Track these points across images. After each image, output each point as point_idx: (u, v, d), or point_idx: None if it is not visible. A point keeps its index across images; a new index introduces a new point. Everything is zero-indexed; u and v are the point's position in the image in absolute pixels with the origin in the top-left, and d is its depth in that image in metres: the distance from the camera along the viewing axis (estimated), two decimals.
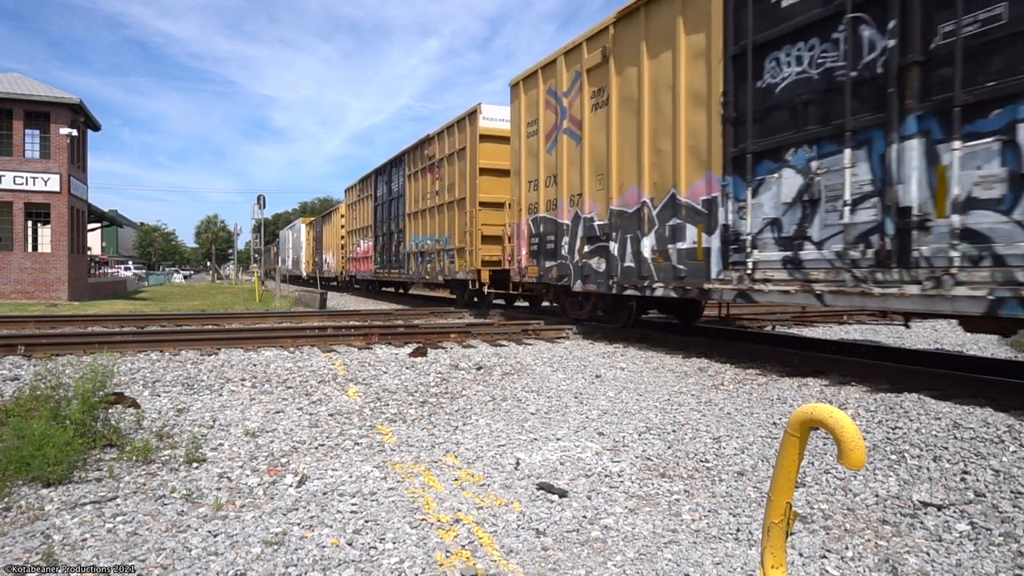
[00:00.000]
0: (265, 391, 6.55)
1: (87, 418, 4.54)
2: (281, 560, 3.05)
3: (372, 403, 6.19)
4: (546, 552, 3.19)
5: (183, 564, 3.01)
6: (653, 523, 3.54)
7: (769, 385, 6.50)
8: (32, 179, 24.24)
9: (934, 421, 4.84)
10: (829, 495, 3.85)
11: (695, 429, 5.25)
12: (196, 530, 3.39)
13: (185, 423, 5.36)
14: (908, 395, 5.61)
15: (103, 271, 43.93)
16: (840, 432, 1.84)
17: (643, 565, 3.05)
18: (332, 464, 4.48)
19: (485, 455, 4.71)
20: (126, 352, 8.27)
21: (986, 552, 3.12)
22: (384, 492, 3.95)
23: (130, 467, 4.32)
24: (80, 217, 27.51)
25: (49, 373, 5.31)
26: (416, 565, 3.02)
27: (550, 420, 5.68)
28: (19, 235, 24.43)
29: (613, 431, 5.29)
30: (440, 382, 7.08)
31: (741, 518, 3.60)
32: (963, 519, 3.44)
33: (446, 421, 5.64)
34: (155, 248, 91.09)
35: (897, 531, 3.39)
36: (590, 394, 6.56)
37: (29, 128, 24.63)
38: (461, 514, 3.62)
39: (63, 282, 24.49)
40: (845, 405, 5.53)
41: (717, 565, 3.05)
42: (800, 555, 3.15)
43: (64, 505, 3.68)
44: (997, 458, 4.10)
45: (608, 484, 4.13)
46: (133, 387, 6.48)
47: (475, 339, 10.10)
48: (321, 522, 3.49)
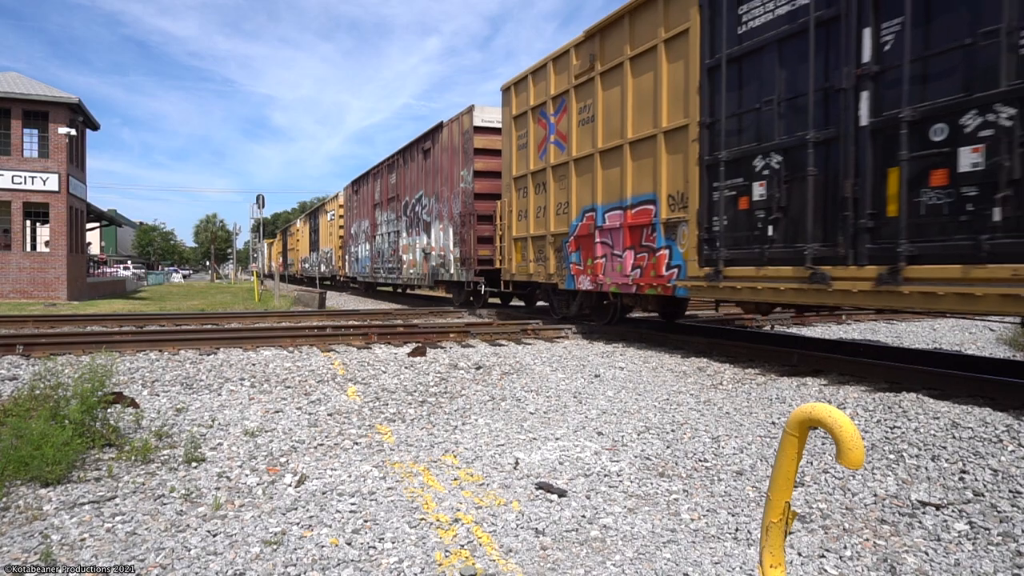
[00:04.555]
0: (264, 391, 6.55)
1: (86, 418, 4.53)
2: (280, 560, 3.05)
3: (371, 403, 6.19)
4: (545, 551, 3.19)
5: (182, 564, 3.01)
6: (652, 522, 3.54)
7: (768, 384, 6.51)
8: (31, 178, 24.22)
9: (932, 420, 4.84)
10: (828, 494, 3.86)
11: (694, 428, 5.25)
12: (195, 530, 3.39)
13: (184, 423, 5.36)
14: (906, 394, 5.62)
15: (102, 270, 43.92)
16: (839, 431, 1.84)
17: (642, 564, 3.05)
18: (331, 464, 4.48)
19: (484, 455, 4.71)
20: (125, 352, 8.27)
21: (984, 551, 3.12)
22: (383, 492, 3.95)
23: (129, 467, 4.31)
24: (79, 216, 27.49)
25: (48, 372, 5.30)
26: (415, 565, 3.02)
27: (549, 420, 5.68)
28: (18, 234, 24.40)
29: (612, 431, 5.29)
30: (439, 382, 7.08)
31: (740, 517, 3.60)
32: (961, 518, 3.45)
33: (445, 421, 5.64)
34: (154, 247, 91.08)
35: (895, 530, 3.40)
36: (589, 394, 6.56)
37: (28, 127, 24.61)
38: (460, 513, 3.62)
39: (62, 281, 24.47)
40: (844, 404, 5.54)
41: (716, 564, 3.05)
42: (799, 554, 3.15)
43: (63, 505, 3.68)
44: (995, 457, 4.10)
45: (607, 484, 4.13)
46: (132, 387, 6.47)
47: (474, 339, 10.10)
48: (320, 522, 3.49)
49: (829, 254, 6.41)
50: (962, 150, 5.34)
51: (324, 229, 33.26)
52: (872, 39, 6.03)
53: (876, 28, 6.00)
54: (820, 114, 6.49)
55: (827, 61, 6.42)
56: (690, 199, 8.17)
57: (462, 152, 15.02)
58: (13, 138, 24.10)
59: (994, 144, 5.10)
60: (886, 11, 5.89)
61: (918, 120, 5.61)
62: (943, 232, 5.49)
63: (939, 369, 6.21)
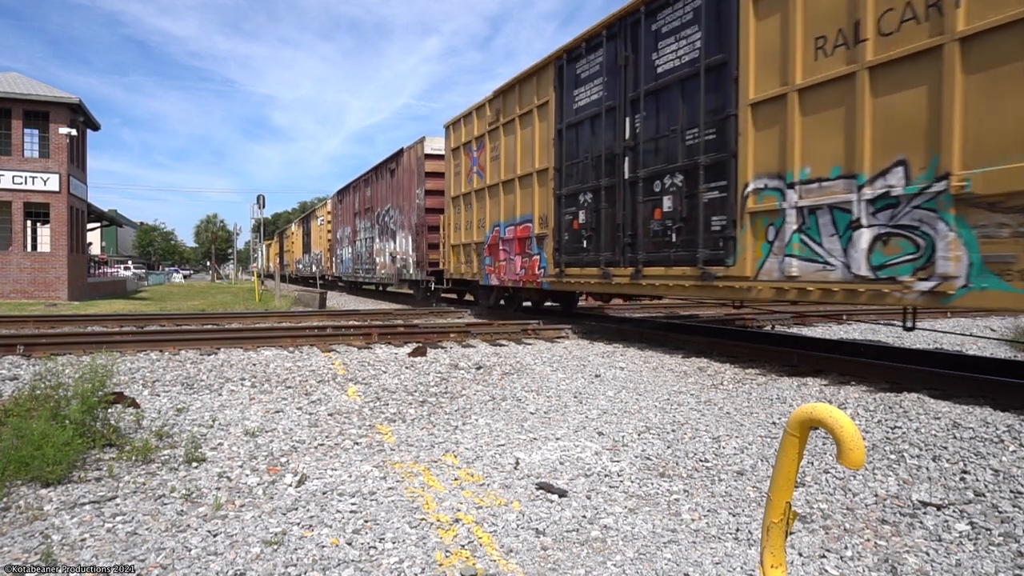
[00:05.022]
0: (265, 391, 6.55)
1: (86, 418, 4.53)
2: (281, 560, 3.05)
3: (372, 403, 6.19)
4: (546, 552, 3.19)
5: (183, 564, 3.01)
6: (653, 523, 3.54)
7: (769, 384, 6.50)
8: (31, 179, 24.23)
9: (933, 421, 4.84)
10: (828, 495, 3.85)
11: (695, 429, 5.25)
12: (196, 530, 3.39)
13: (185, 423, 5.36)
14: (907, 395, 5.61)
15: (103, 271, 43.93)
16: (839, 432, 1.83)
17: (642, 565, 3.05)
18: (332, 464, 4.47)
19: (485, 455, 4.71)
20: (126, 352, 8.27)
21: (986, 552, 3.12)
22: (384, 492, 3.95)
23: (129, 467, 4.31)
24: (79, 217, 27.50)
25: (48, 373, 5.30)
26: (416, 565, 3.01)
27: (550, 420, 5.68)
28: (18, 235, 24.41)
29: (613, 431, 5.29)
30: (440, 382, 7.08)
31: (741, 518, 3.60)
32: (963, 519, 3.44)
33: (446, 421, 5.63)
34: (155, 248, 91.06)
35: (896, 531, 3.39)
36: (590, 394, 6.56)
37: (28, 127, 24.62)
38: (461, 514, 3.62)
39: (62, 282, 24.48)
40: (844, 405, 5.53)
41: (717, 565, 3.05)
42: (799, 555, 3.15)
43: (63, 505, 3.68)
44: (997, 458, 4.10)
45: (608, 484, 4.13)
46: (133, 387, 6.48)
47: (474, 339, 10.10)
48: (321, 522, 3.49)
49: (613, 260, 9.79)
50: (664, 197, 8.75)
51: (315, 233, 36.79)
52: (630, 125, 9.36)
53: (632, 118, 9.32)
54: (608, 168, 9.87)
55: (613, 134, 9.75)
56: (550, 220, 11.46)
57: (417, 174, 17.93)
58: (14, 138, 24.11)
59: (676, 195, 8.53)
60: (636, 109, 9.22)
61: (648, 177, 9.04)
62: (658, 248, 8.88)
63: (940, 369, 6.21)
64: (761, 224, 7.26)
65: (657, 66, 8.75)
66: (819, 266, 6.59)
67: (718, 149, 7.79)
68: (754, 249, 7.35)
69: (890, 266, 5.92)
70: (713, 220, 7.90)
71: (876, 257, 6.04)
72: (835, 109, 6.39)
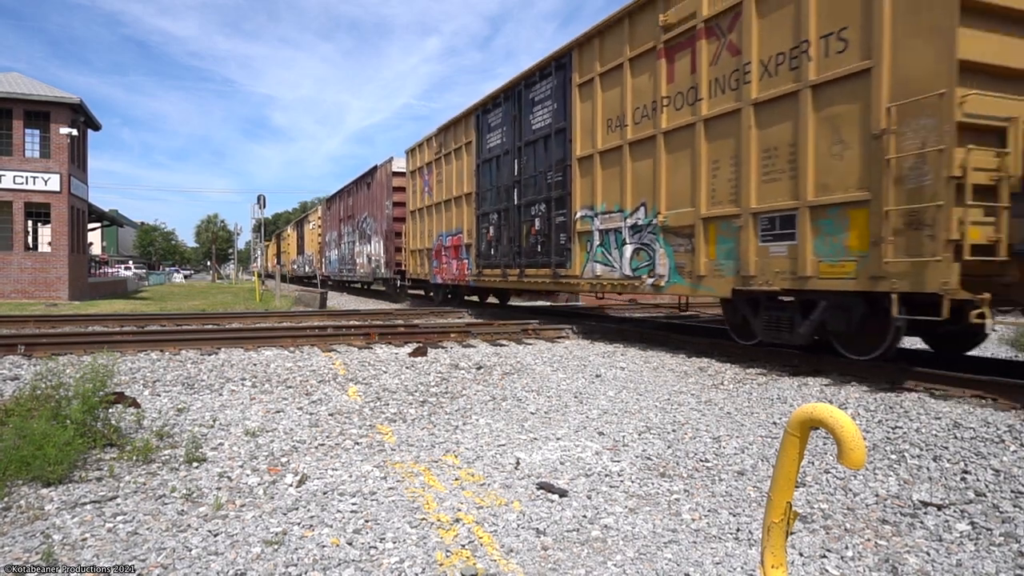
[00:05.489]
0: (265, 391, 6.55)
1: (87, 418, 4.54)
2: (281, 560, 3.05)
3: (372, 403, 6.19)
4: (546, 552, 3.19)
5: (183, 564, 3.01)
6: (653, 523, 3.54)
7: (769, 384, 6.50)
8: (32, 179, 24.23)
9: (934, 421, 4.84)
10: (829, 495, 3.85)
11: (695, 429, 5.25)
12: (196, 530, 3.39)
13: (185, 423, 5.37)
14: (908, 395, 5.61)
15: (103, 271, 43.95)
16: (840, 432, 1.83)
17: (643, 565, 3.05)
18: (332, 464, 4.48)
19: (485, 455, 4.71)
20: (126, 352, 8.28)
21: (986, 552, 3.12)
22: (384, 492, 3.95)
23: (130, 467, 4.32)
24: (80, 217, 27.51)
25: (49, 373, 5.30)
26: (416, 565, 3.02)
27: (550, 420, 5.68)
28: (19, 235, 24.42)
29: (613, 431, 5.29)
30: (440, 382, 7.08)
31: (741, 518, 3.60)
32: (963, 519, 3.44)
33: (446, 421, 5.64)
34: (155, 248, 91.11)
35: (897, 531, 3.39)
36: (590, 394, 6.56)
37: (29, 128, 24.62)
38: (461, 514, 3.62)
39: (63, 282, 24.48)
40: (845, 405, 5.53)
41: (717, 565, 3.05)
42: (800, 555, 3.15)
43: (64, 505, 3.68)
44: (997, 458, 4.10)
45: (608, 484, 4.13)
46: (133, 387, 6.48)
47: (475, 339, 10.11)
48: (321, 522, 3.49)
49: (510, 264, 13.24)
50: (536, 219, 12.21)
51: (308, 236, 40.53)
52: (518, 164, 12.82)
53: (520, 160, 12.77)
54: (507, 196, 13.29)
55: (509, 170, 13.19)
56: (473, 233, 14.92)
57: (387, 188, 21.37)
58: (15, 138, 24.11)
59: (542, 218, 12.02)
60: (521, 153, 12.71)
61: (527, 204, 12.56)
62: (532, 256, 12.35)
63: (941, 370, 6.20)
64: (583, 240, 10.76)
65: (533, 124, 12.33)
66: (610, 268, 10.04)
67: (562, 187, 11.32)
68: (580, 257, 10.84)
69: (639, 269, 9.36)
70: (560, 237, 11.41)
71: (633, 263, 9.47)
72: (615, 167, 9.85)
